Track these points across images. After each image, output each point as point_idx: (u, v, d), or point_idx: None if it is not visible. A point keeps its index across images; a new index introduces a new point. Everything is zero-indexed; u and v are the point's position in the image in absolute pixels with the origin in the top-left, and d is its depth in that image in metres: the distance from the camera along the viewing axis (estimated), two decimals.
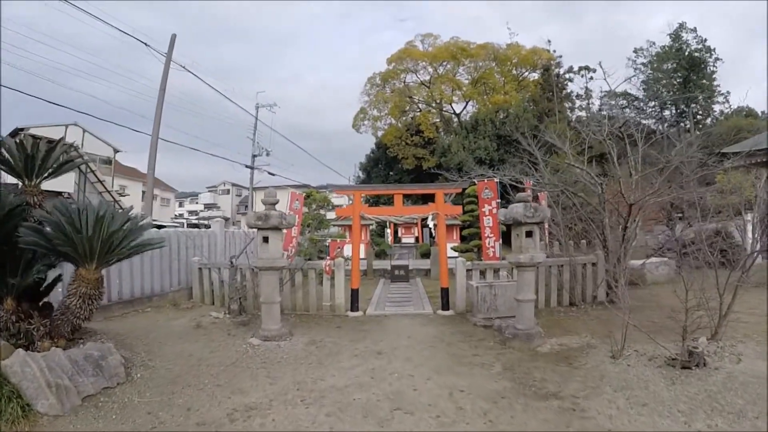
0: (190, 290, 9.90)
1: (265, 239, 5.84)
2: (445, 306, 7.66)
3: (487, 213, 8.10)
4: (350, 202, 7.69)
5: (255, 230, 6.04)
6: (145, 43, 11.01)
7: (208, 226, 19.76)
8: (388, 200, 15.00)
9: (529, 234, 5.67)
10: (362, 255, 14.26)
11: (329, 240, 7.81)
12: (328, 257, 7.74)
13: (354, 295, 7.74)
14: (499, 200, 8.18)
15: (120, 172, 40.48)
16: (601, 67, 8.03)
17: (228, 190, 62.05)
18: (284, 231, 6.76)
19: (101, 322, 7.61)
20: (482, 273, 8.01)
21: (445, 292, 7.62)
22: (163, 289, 9.47)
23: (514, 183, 8.05)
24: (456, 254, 16.18)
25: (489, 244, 8.05)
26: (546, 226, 9.96)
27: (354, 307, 7.73)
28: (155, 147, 11.10)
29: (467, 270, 7.64)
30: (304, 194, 11.16)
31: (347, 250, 16.33)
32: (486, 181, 8.20)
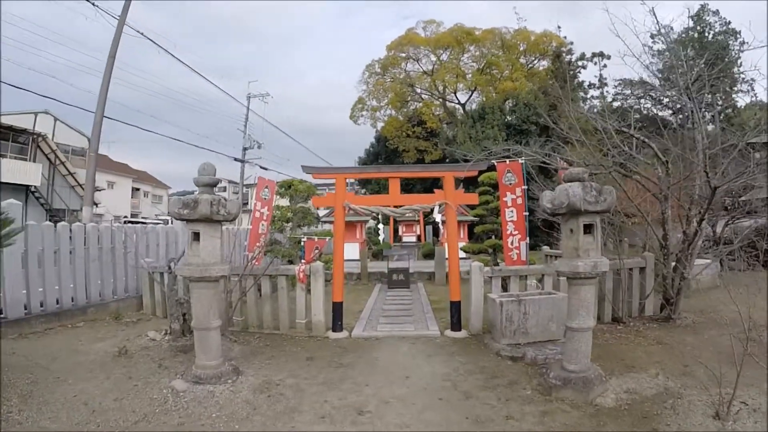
0: (140, 299, 8.11)
1: (196, 236, 3.98)
2: (456, 325, 5.79)
3: (509, 203, 6.20)
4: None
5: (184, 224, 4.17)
6: (93, 3, 9.22)
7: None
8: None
9: (588, 229, 3.79)
10: (355, 256, 12.41)
11: (305, 238, 5.98)
12: (302, 261, 5.87)
13: (336, 310, 5.88)
14: (525, 187, 6.28)
15: (109, 168, 38.91)
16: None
17: (225, 188, 60.43)
18: (226, 225, 4.91)
19: (12, 340, 5.93)
20: (504, 282, 6.15)
21: (456, 307, 5.74)
22: (103, 297, 7.67)
23: (544, 164, 6.17)
24: (464, 255, 14.28)
25: (512, 243, 6.16)
26: None
27: (336, 326, 5.86)
28: (99, 124, 9.25)
29: (486, 278, 5.77)
30: (284, 183, 9.29)
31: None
32: (508, 162, 6.30)
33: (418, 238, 22.33)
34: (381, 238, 6.11)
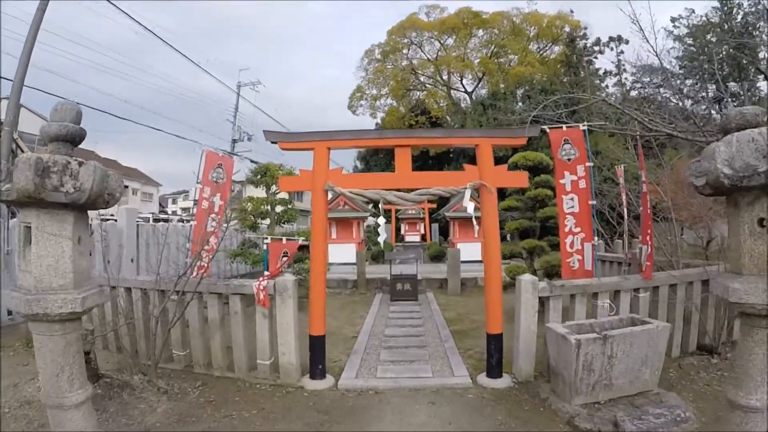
0: None
1: (28, 233, 2.06)
2: (495, 369, 3.85)
3: (568, 188, 4.29)
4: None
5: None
6: None
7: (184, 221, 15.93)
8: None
9: None
10: (352, 259, 10.50)
11: (267, 239, 4.06)
12: (265, 273, 3.93)
13: (316, 347, 3.94)
14: (591, 164, 4.36)
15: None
16: None
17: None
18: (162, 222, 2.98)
19: None
20: (542, 302, 4.23)
21: (496, 344, 3.81)
22: (14, 316, 5.80)
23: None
24: (479, 262, 12.32)
25: (572, 246, 4.24)
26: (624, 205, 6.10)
27: (316, 370, 3.92)
28: (18, 92, 7.42)
29: (542, 298, 3.83)
30: (258, 170, 7.36)
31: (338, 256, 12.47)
32: (565, 129, 4.38)
33: (423, 237, 20.38)
34: (381, 238, 4.38)
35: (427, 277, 9.66)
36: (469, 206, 3.65)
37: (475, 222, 3.71)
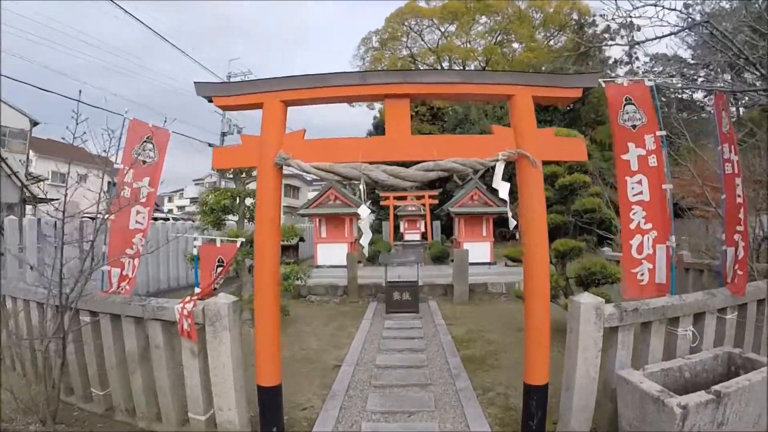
0: None
1: None
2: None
3: (634, 166, 3.03)
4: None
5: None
6: None
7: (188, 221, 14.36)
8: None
9: None
10: (342, 262, 9.22)
11: (198, 240, 2.86)
12: (196, 291, 2.65)
13: (267, 402, 2.67)
14: (664, 133, 3.11)
15: (87, 161, 35.72)
16: None
17: (215, 183, 57.40)
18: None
19: None
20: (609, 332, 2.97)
21: (539, 399, 2.53)
22: None
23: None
24: (488, 265, 11.04)
25: (641, 249, 2.98)
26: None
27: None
28: None
29: (608, 329, 2.56)
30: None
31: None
32: (626, 83, 3.12)
33: (423, 236, 19.03)
34: (365, 239, 3.19)
35: (428, 282, 8.39)
36: (502, 187, 2.39)
37: (510, 215, 2.46)
